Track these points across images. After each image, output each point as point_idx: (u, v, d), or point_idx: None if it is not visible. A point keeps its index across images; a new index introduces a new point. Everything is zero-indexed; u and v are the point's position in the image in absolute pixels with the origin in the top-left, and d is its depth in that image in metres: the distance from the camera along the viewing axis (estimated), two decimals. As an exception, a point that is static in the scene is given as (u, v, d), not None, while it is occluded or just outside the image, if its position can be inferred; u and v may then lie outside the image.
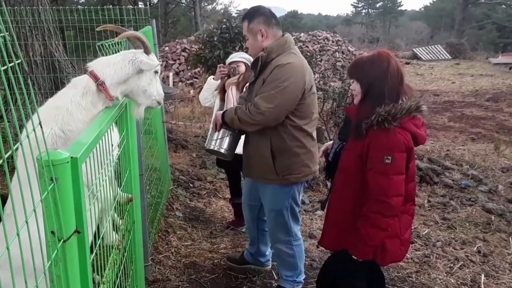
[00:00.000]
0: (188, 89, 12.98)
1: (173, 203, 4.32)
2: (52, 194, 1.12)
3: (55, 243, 1.15)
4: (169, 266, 3.28)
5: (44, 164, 1.10)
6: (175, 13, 31.27)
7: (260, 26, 2.55)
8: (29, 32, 4.24)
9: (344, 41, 20.23)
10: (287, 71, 2.44)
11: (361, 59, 2.17)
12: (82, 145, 1.33)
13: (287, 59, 2.48)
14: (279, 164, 2.57)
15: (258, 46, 2.57)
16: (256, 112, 2.44)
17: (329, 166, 2.36)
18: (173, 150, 5.92)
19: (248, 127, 2.53)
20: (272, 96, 2.42)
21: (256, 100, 2.46)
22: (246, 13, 2.63)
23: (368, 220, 2.03)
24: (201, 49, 6.12)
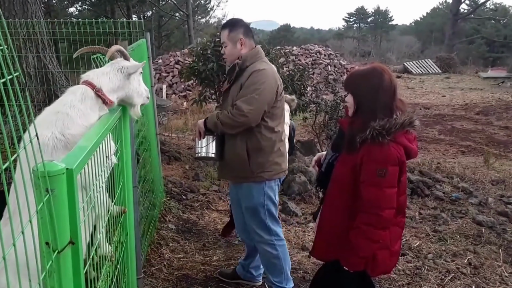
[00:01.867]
0: (182, 102, 13.00)
1: (165, 215, 4.31)
2: (48, 205, 1.13)
3: (50, 254, 1.15)
4: (162, 279, 3.27)
5: (40, 175, 1.11)
6: (169, 26, 31.46)
7: (240, 36, 2.77)
8: (23, 44, 4.25)
9: (336, 54, 20.43)
10: (263, 76, 2.68)
11: (356, 72, 2.23)
12: (78, 156, 1.34)
13: (261, 66, 2.73)
14: (254, 162, 2.76)
15: (235, 54, 2.78)
16: (239, 114, 2.62)
17: (321, 176, 2.38)
18: (166, 162, 5.92)
19: (230, 129, 2.70)
20: (252, 98, 2.63)
21: (238, 103, 2.63)
22: (228, 22, 2.86)
23: (360, 232, 2.05)
24: (195, 61, 6.16)
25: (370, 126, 2.00)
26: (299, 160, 5.90)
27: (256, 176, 2.80)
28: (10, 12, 4.21)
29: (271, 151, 2.80)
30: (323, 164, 2.37)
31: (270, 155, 2.80)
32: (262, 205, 2.87)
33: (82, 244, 1.32)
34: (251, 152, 2.75)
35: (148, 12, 30.17)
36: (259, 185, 2.84)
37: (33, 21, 4.28)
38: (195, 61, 6.14)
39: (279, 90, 2.79)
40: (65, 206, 1.20)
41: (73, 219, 1.25)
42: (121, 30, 4.36)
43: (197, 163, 6.09)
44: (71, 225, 1.24)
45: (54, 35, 4.44)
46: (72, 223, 1.24)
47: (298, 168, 5.35)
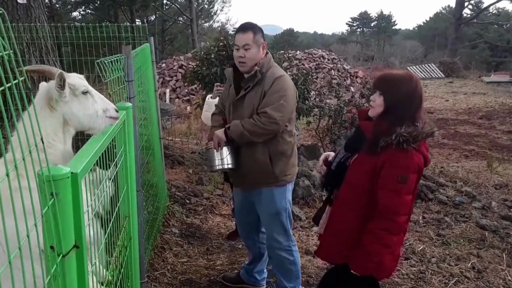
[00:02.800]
0: (185, 106, 13.04)
1: (169, 220, 4.31)
2: (52, 209, 1.14)
3: (54, 258, 1.16)
4: (165, 283, 3.27)
5: (45, 179, 1.12)
6: (172, 30, 31.60)
7: (262, 40, 2.71)
8: (26, 48, 4.27)
9: (340, 59, 20.46)
10: (286, 82, 2.68)
11: (392, 74, 2.21)
12: (82, 160, 1.35)
13: (279, 72, 2.72)
14: (276, 167, 2.74)
15: (258, 58, 2.70)
16: (271, 122, 2.60)
17: (330, 175, 2.35)
18: (170, 166, 5.92)
19: (258, 138, 2.66)
20: (281, 105, 2.61)
21: (268, 111, 2.59)
22: (250, 25, 2.74)
23: (375, 237, 2.04)
24: (198, 66, 6.19)
25: (397, 131, 1.99)
26: (303, 164, 5.90)
27: (279, 180, 2.78)
28: (13, 17, 4.24)
29: (291, 154, 2.81)
30: (333, 163, 2.33)
31: (290, 158, 2.81)
32: (284, 209, 2.86)
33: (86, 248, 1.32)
34: (273, 157, 2.73)
35: (152, 16, 30.34)
36: (281, 188, 2.82)
37: (36, 25, 4.31)
38: (199, 65, 6.16)
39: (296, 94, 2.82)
40: (70, 210, 1.21)
41: (77, 223, 1.25)
42: (124, 35, 4.37)
43: (201, 167, 6.10)
44: (75, 229, 1.24)
45: (58, 39, 4.46)
46: (76, 227, 1.25)
47: (301, 173, 5.34)
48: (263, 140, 2.67)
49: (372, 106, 2.16)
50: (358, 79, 18.60)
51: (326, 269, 3.67)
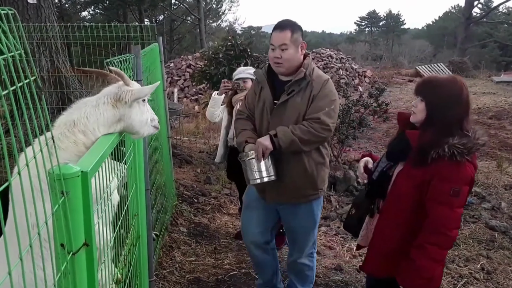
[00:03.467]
0: (193, 105, 13.07)
1: (177, 219, 4.32)
2: (63, 207, 1.15)
3: (65, 255, 1.17)
4: (173, 282, 3.28)
5: (56, 178, 1.13)
6: (180, 30, 31.69)
7: (301, 39, 2.51)
8: (36, 48, 4.32)
9: (348, 58, 20.36)
10: (332, 86, 2.53)
11: (435, 78, 2.10)
12: (92, 159, 1.36)
13: (323, 74, 2.56)
14: (319, 177, 2.60)
15: (297, 59, 2.49)
16: (324, 129, 2.42)
17: (371, 185, 2.24)
18: (178, 165, 5.94)
19: (309, 146, 2.46)
20: (332, 111, 2.46)
21: (322, 117, 2.40)
22: (288, 22, 2.51)
23: (425, 252, 1.96)
24: (206, 65, 6.20)
25: (448, 142, 1.90)
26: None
27: (320, 191, 2.64)
28: (24, 16, 4.29)
29: (327, 162, 2.66)
30: (375, 173, 2.22)
31: (327, 166, 2.67)
32: (318, 221, 2.74)
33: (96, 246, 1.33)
34: (317, 167, 2.56)
35: (160, 16, 30.46)
36: (318, 201, 2.69)
37: (46, 25, 4.35)
38: (207, 65, 6.17)
39: None
40: (80, 208, 1.22)
41: (87, 221, 1.26)
42: (133, 34, 4.40)
43: (209, 167, 6.11)
44: (85, 227, 1.25)
45: (67, 39, 4.50)
46: (86, 225, 1.26)
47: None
48: (311, 149, 2.48)
49: (414, 112, 2.06)
50: (367, 78, 18.51)
51: (335, 269, 3.67)
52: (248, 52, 6.12)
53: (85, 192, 1.24)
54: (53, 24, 4.47)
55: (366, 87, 15.49)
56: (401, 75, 21.41)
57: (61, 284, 1.16)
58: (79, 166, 1.23)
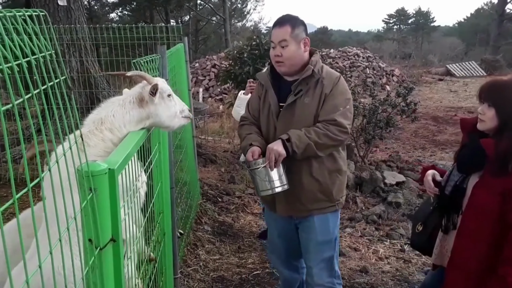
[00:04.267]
0: (218, 105, 13.16)
1: (201, 217, 4.37)
2: (91, 203, 1.18)
3: (92, 250, 1.20)
4: (198, 279, 3.31)
5: (84, 175, 1.16)
6: (206, 30, 31.94)
7: (303, 35, 2.27)
8: (66, 49, 4.44)
9: (375, 57, 20.07)
10: (344, 83, 2.33)
11: (502, 82, 1.96)
12: (119, 157, 1.39)
13: (333, 71, 2.37)
14: (335, 187, 2.34)
15: (299, 56, 2.27)
16: (341, 131, 2.21)
17: (444, 199, 2.10)
18: (202, 164, 6.00)
19: (324, 151, 2.23)
20: (347, 111, 2.26)
21: (338, 118, 2.20)
22: (287, 17, 2.30)
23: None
24: (231, 65, 6.23)
25: None
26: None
27: (335, 203, 2.37)
28: (54, 18, 4.42)
29: (346, 170, 2.42)
30: (447, 187, 2.07)
31: (345, 175, 2.43)
32: (335, 238, 2.46)
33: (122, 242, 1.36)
34: (331, 175, 2.32)
35: (186, 16, 30.78)
36: (335, 213, 2.43)
37: (76, 27, 4.47)
38: (232, 64, 6.20)
39: None
40: (107, 205, 1.25)
41: (114, 218, 1.29)
42: (159, 35, 4.47)
43: (233, 166, 6.14)
44: (112, 223, 1.28)
45: (96, 40, 4.62)
46: (113, 221, 1.29)
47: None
48: (326, 154, 2.25)
49: (481, 119, 1.92)
50: (394, 77, 18.20)
51: (358, 269, 3.62)
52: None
53: (112, 188, 1.27)
54: (82, 25, 4.59)
55: (394, 86, 15.23)
56: (430, 74, 20.96)
57: (89, 278, 1.20)
58: (107, 164, 1.27)
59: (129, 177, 1.53)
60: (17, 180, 3.72)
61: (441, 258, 2.15)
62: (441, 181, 2.14)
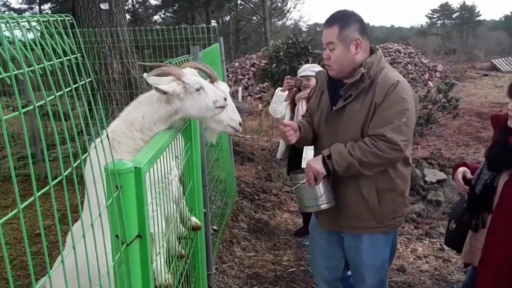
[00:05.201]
0: (257, 103, 13.21)
1: (238, 215, 4.41)
2: (117, 200, 1.22)
3: (119, 246, 1.24)
4: (233, 276, 3.35)
5: (110, 173, 1.20)
6: (246, 30, 32.11)
7: (355, 35, 2.02)
8: (108, 51, 4.61)
9: (417, 53, 19.44)
10: (405, 90, 2.01)
11: None
12: (146, 155, 1.43)
13: (394, 75, 2.06)
14: (385, 207, 2.10)
15: (349, 60, 2.05)
16: (392, 148, 1.94)
17: (474, 198, 2.07)
18: (240, 162, 6.05)
19: (373, 169, 2.00)
20: (404, 125, 1.96)
21: (389, 134, 1.93)
22: (337, 16, 2.09)
23: None
24: (268, 64, 6.25)
25: None
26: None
27: (386, 225, 2.13)
28: (97, 22, 4.61)
29: (404, 189, 2.15)
30: (477, 186, 2.05)
31: (403, 195, 2.15)
32: (386, 261, 2.24)
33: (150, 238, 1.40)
34: (381, 194, 2.08)
35: (227, 17, 31.10)
36: (386, 236, 2.18)
37: (117, 29, 4.63)
38: (268, 63, 6.22)
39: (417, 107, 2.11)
40: (133, 202, 1.28)
41: (141, 214, 1.32)
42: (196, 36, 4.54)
43: (270, 164, 6.15)
44: (139, 220, 1.32)
45: (140, 42, 4.77)
46: (140, 218, 1.32)
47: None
48: (374, 172, 2.02)
49: (511, 116, 1.91)
50: (437, 73, 17.56)
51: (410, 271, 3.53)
52: (309, 49, 6.07)
53: (139, 186, 1.30)
54: (123, 28, 4.75)
55: (436, 82, 14.70)
56: (475, 69, 20.05)
57: (115, 272, 1.24)
58: (134, 162, 1.31)
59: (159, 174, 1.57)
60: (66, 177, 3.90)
61: (470, 256, 2.13)
62: (472, 179, 2.09)
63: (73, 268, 0.95)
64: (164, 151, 1.69)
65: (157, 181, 1.55)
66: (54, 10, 22.17)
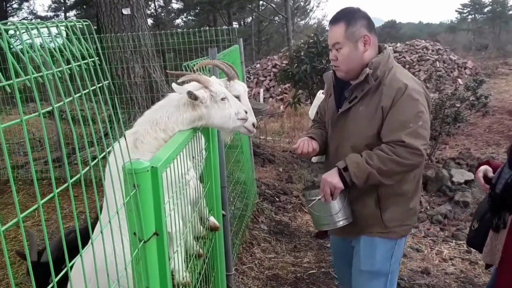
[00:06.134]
0: (278, 105, 13.21)
1: (258, 216, 4.42)
2: (134, 199, 1.25)
3: (136, 243, 1.28)
4: (252, 277, 3.37)
5: (128, 172, 1.24)
6: (268, 31, 32.14)
7: (363, 31, 1.92)
8: (130, 56, 4.71)
9: (446, 49, 19.03)
10: (416, 91, 1.90)
11: None
12: (163, 155, 1.47)
13: (403, 76, 1.94)
14: (389, 213, 2.00)
15: (357, 58, 1.95)
16: (412, 153, 1.83)
17: (495, 197, 2.04)
18: (260, 164, 6.07)
19: (394, 177, 1.91)
20: (421, 128, 1.85)
21: (406, 139, 1.82)
22: (343, 13, 1.99)
23: None
24: (289, 64, 6.25)
25: None
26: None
27: (390, 231, 2.02)
28: (119, 27, 4.72)
29: (413, 195, 2.03)
30: (497, 185, 2.03)
31: (411, 201, 2.02)
32: (387, 272, 2.08)
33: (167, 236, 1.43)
34: (385, 200, 1.99)
35: (248, 18, 31.21)
36: (388, 243, 2.05)
37: (139, 34, 4.73)
38: (289, 63, 6.22)
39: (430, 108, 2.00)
40: (150, 200, 1.32)
41: (158, 213, 1.36)
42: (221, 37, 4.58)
43: (291, 166, 6.14)
44: (156, 218, 1.35)
45: (161, 45, 4.85)
46: (157, 216, 1.36)
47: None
48: (395, 181, 1.92)
49: None
50: (467, 70, 17.14)
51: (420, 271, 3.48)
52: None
53: (155, 185, 1.34)
54: (144, 32, 4.85)
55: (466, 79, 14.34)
56: (507, 65, 19.46)
57: (133, 269, 1.27)
58: (151, 162, 1.34)
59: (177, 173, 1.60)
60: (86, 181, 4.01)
61: (490, 257, 2.09)
62: (492, 178, 2.07)
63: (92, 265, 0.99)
64: (182, 151, 1.73)
65: (174, 180, 1.58)
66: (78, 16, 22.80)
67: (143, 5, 4.99)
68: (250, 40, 29.41)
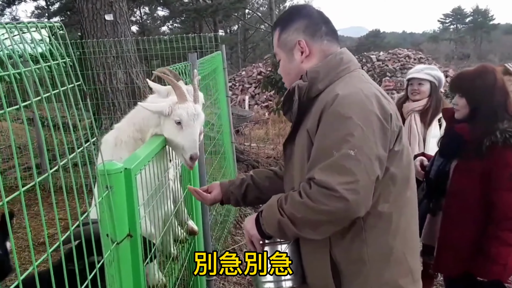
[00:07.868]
0: (263, 112, 13.27)
1: (240, 222, 4.41)
2: (107, 200, 1.25)
3: (109, 245, 1.27)
4: (233, 282, 3.36)
5: (100, 174, 1.24)
6: (254, 39, 32.36)
7: (298, 36, 1.46)
8: (113, 61, 4.71)
9: (428, 58, 19.40)
10: (347, 106, 1.29)
11: (466, 73, 2.17)
12: (137, 157, 1.47)
13: (344, 88, 1.34)
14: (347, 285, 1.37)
15: (294, 68, 1.48)
16: (328, 196, 1.22)
17: (429, 183, 2.24)
18: (244, 170, 6.06)
19: (316, 230, 1.30)
20: (347, 159, 1.24)
21: (317, 175, 1.25)
22: (281, 15, 1.58)
23: (498, 239, 1.96)
24: (271, 71, 6.30)
25: (498, 128, 1.93)
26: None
27: None
28: (102, 33, 4.71)
29: (389, 261, 1.36)
30: (431, 171, 2.23)
31: (384, 270, 1.35)
32: None
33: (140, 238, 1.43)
34: (343, 268, 1.36)
35: (235, 26, 31.37)
36: None
37: (121, 39, 4.73)
38: (272, 70, 6.26)
39: (394, 125, 1.33)
40: (123, 202, 1.32)
41: (131, 214, 1.36)
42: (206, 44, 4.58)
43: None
44: (129, 220, 1.35)
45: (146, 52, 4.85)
46: (130, 218, 1.36)
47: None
48: (321, 235, 1.31)
49: (456, 109, 2.11)
50: (449, 78, 17.47)
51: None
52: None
53: (129, 187, 1.34)
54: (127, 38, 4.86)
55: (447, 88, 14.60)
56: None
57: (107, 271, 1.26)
58: (125, 163, 1.35)
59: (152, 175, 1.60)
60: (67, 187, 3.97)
61: (428, 238, 2.26)
62: (427, 166, 2.29)
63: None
64: (160, 154, 1.73)
65: (149, 183, 1.58)
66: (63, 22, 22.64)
67: (126, 11, 5.00)
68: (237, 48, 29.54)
